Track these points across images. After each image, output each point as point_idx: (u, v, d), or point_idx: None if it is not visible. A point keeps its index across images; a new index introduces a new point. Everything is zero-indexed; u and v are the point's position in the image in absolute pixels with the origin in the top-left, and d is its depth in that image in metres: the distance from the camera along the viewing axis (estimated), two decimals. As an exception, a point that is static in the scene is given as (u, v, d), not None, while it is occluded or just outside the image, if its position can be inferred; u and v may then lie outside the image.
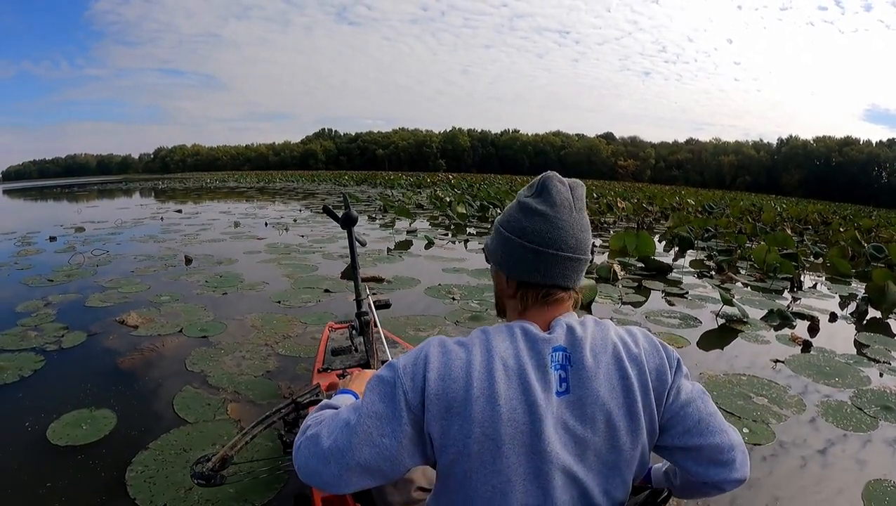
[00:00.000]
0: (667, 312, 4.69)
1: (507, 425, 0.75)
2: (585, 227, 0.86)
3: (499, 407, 0.74)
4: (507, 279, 0.87)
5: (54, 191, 31.34)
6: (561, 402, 0.78)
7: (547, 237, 0.82)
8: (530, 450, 0.76)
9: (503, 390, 0.75)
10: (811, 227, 14.43)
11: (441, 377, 0.76)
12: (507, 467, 0.76)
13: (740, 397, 2.92)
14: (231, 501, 1.89)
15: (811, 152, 66.96)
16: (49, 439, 2.26)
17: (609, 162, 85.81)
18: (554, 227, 0.82)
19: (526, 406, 0.75)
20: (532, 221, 0.83)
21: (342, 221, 2.29)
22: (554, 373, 0.78)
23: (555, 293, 0.84)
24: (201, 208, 15.23)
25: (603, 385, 0.79)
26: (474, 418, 0.74)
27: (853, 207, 33.15)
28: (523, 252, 0.83)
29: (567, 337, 0.81)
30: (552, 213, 0.83)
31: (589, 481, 0.80)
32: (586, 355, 0.80)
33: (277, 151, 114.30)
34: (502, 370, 0.76)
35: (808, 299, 5.54)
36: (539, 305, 0.85)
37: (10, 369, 2.96)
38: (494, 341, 0.79)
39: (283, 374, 3.01)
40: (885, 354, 3.80)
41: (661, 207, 17.47)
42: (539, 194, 0.85)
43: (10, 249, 7.32)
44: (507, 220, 0.87)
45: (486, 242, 0.93)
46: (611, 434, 0.80)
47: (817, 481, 2.20)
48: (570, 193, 0.85)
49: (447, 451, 0.77)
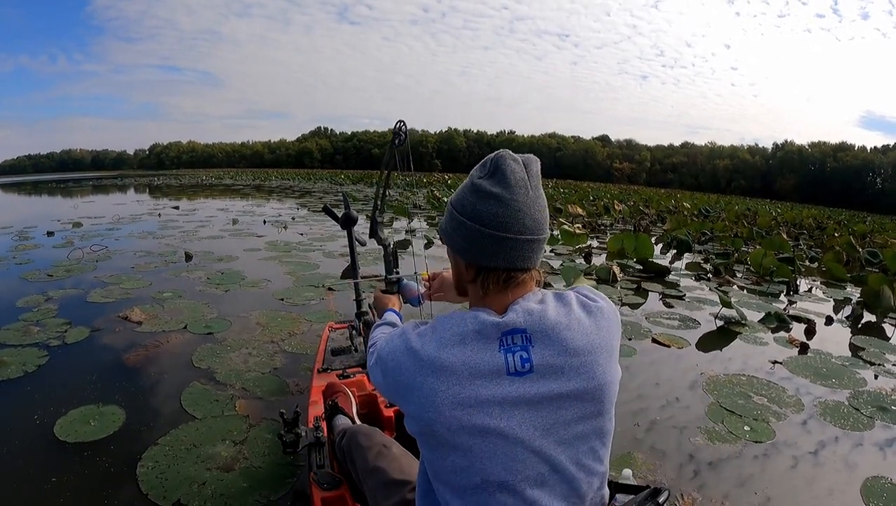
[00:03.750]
0: (666, 313, 4.74)
1: (449, 413, 0.78)
2: (542, 205, 0.83)
3: (444, 389, 0.78)
4: (466, 265, 0.86)
5: (49, 186, 31.09)
6: (524, 380, 0.78)
7: (505, 221, 0.79)
8: (483, 432, 0.77)
9: (446, 383, 0.78)
10: (806, 231, 14.56)
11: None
12: (460, 441, 0.78)
13: (740, 396, 2.97)
14: (245, 494, 1.91)
15: (806, 157, 67.36)
16: (57, 435, 2.26)
17: (605, 164, 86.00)
18: (511, 209, 0.79)
19: (470, 392, 0.78)
20: (487, 204, 0.80)
21: (342, 221, 2.30)
22: (506, 355, 0.79)
23: (516, 276, 0.83)
24: (198, 205, 15.18)
25: (571, 358, 0.80)
26: (423, 401, 0.79)
27: (847, 213, 33.43)
28: (481, 237, 0.81)
29: (525, 318, 0.80)
30: (508, 195, 0.79)
31: (558, 455, 0.80)
32: (548, 331, 0.80)
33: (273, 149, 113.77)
34: (445, 363, 0.79)
35: (804, 303, 5.61)
36: (500, 289, 0.83)
37: (14, 365, 2.95)
38: (446, 330, 0.81)
39: (291, 371, 3.03)
40: (879, 356, 3.87)
41: (658, 210, 17.57)
42: (493, 175, 0.81)
43: (8, 244, 7.28)
44: (461, 202, 0.84)
45: (441, 224, 0.90)
46: (582, 404, 0.81)
47: (816, 478, 2.25)
48: (524, 172, 0.81)
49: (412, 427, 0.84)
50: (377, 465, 1.30)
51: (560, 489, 0.81)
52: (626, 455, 2.30)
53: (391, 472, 1.26)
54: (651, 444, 2.42)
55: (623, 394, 2.87)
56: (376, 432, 1.46)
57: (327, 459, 1.62)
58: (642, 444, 2.42)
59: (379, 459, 1.31)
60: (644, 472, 2.18)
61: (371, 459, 1.32)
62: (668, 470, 2.22)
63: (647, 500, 0.91)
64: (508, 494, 0.79)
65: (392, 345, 0.87)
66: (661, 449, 2.39)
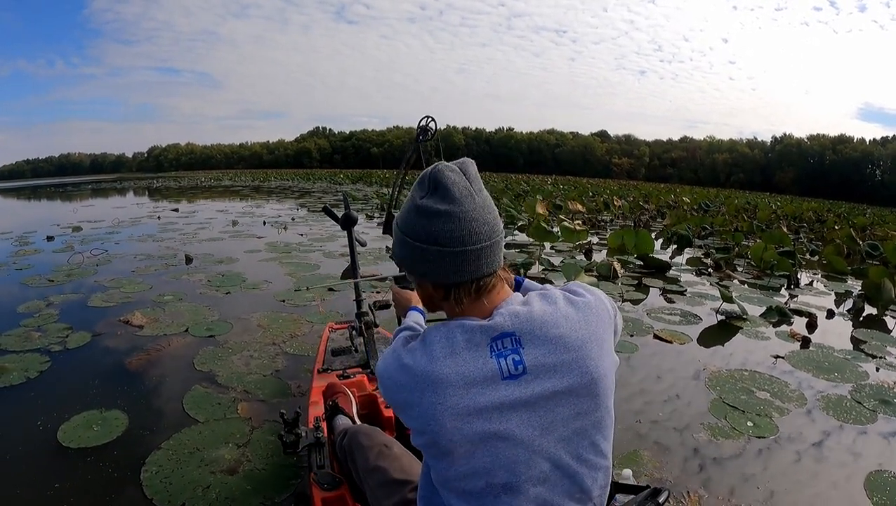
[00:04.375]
0: (667, 309, 4.74)
1: (451, 424, 0.78)
2: (491, 206, 0.83)
3: (442, 402, 0.78)
4: (433, 286, 0.85)
5: (48, 190, 31.05)
6: (518, 383, 0.79)
7: (460, 235, 0.79)
8: (484, 439, 0.78)
9: (443, 396, 0.78)
10: (806, 225, 14.55)
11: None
12: (463, 450, 0.79)
13: (743, 391, 2.97)
14: (249, 497, 1.91)
15: (805, 150, 67.26)
16: (60, 441, 2.26)
17: (604, 160, 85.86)
18: (464, 221, 0.79)
19: (467, 402, 0.78)
20: (438, 223, 0.79)
21: (342, 222, 2.30)
22: (498, 360, 0.79)
23: (485, 282, 0.84)
24: (198, 207, 15.16)
25: (562, 354, 0.80)
26: (424, 416, 0.79)
27: (847, 205, 33.35)
28: (441, 257, 0.80)
29: (512, 321, 0.81)
30: (455, 208, 0.79)
31: (559, 451, 0.80)
32: (536, 330, 0.80)
33: (272, 150, 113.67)
34: (440, 376, 0.78)
35: (805, 296, 5.61)
36: (474, 299, 0.84)
37: (16, 371, 2.95)
38: (435, 343, 0.81)
39: (293, 373, 3.03)
40: (881, 349, 3.87)
41: (657, 205, 17.54)
42: (435, 192, 0.80)
43: (8, 249, 7.28)
44: (412, 227, 0.82)
45: (394, 252, 0.88)
46: (578, 399, 0.81)
47: (820, 472, 2.25)
48: (465, 179, 0.81)
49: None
50: (378, 464, 1.31)
51: (563, 486, 0.82)
52: (631, 453, 2.29)
53: (392, 471, 1.27)
54: (655, 440, 2.42)
55: (625, 390, 2.89)
56: (377, 432, 1.47)
57: (327, 459, 1.62)
58: (645, 440, 2.42)
59: (380, 458, 1.32)
60: (650, 469, 2.18)
61: (372, 458, 1.33)
62: (673, 467, 2.22)
63: (648, 500, 0.91)
64: (512, 495, 0.80)
65: (386, 363, 0.87)
66: (666, 445, 2.38)
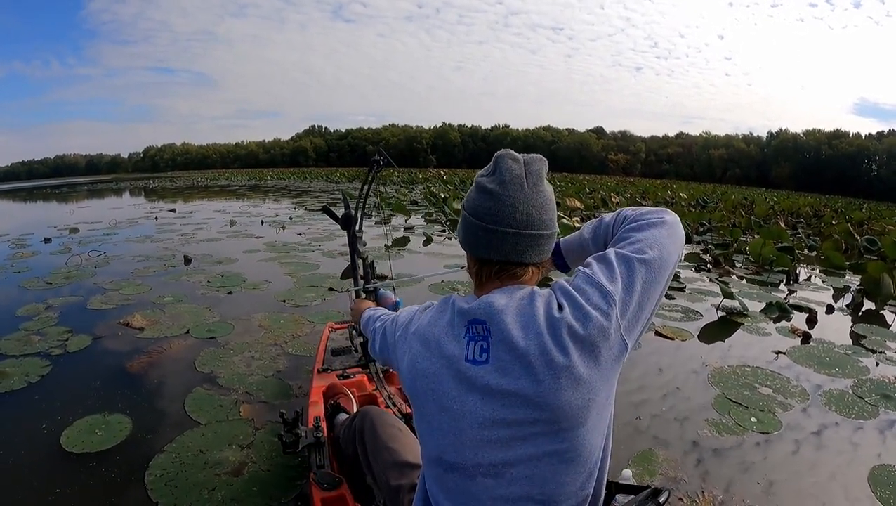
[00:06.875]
0: (667, 305, 4.74)
1: (421, 382, 0.87)
2: (540, 202, 0.85)
3: (417, 367, 0.88)
4: (469, 256, 0.92)
5: (44, 191, 30.88)
6: (479, 369, 0.81)
7: (494, 214, 0.84)
8: (442, 408, 0.84)
9: (423, 354, 0.88)
10: (803, 220, 14.59)
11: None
12: (433, 419, 0.86)
13: (746, 387, 2.98)
14: (254, 498, 1.90)
15: (801, 145, 67.36)
16: (64, 446, 2.24)
17: (600, 156, 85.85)
18: (502, 204, 0.84)
19: (437, 368, 0.85)
20: (483, 199, 0.86)
21: (342, 222, 2.29)
22: (469, 342, 0.83)
23: (509, 269, 0.86)
24: (195, 207, 15.10)
25: (530, 350, 0.78)
26: (403, 375, 0.93)
27: (843, 200, 33.51)
28: (475, 229, 0.87)
29: (485, 309, 0.83)
30: (501, 190, 0.84)
31: (512, 450, 0.80)
32: (507, 324, 0.80)
33: (268, 149, 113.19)
34: (427, 337, 0.89)
35: (804, 292, 5.63)
36: (493, 280, 0.88)
37: (17, 376, 2.93)
38: (430, 314, 0.93)
39: (294, 373, 3.02)
40: (881, 344, 3.88)
41: (655, 201, 17.56)
42: (492, 173, 0.86)
43: (5, 252, 7.22)
44: (467, 200, 0.91)
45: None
46: (531, 411, 0.78)
47: (823, 467, 2.26)
48: (522, 170, 0.85)
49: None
50: (390, 445, 1.33)
51: (521, 486, 0.81)
52: (646, 451, 2.29)
53: (404, 453, 1.30)
54: (663, 438, 2.42)
55: (627, 386, 2.89)
56: (392, 416, 1.50)
57: (327, 459, 1.62)
58: (654, 439, 2.42)
59: (393, 440, 1.35)
60: (665, 468, 2.18)
61: (385, 438, 1.36)
62: (680, 465, 2.22)
63: (648, 500, 0.91)
64: (460, 476, 0.83)
65: (399, 316, 1.01)
66: (673, 443, 2.39)
